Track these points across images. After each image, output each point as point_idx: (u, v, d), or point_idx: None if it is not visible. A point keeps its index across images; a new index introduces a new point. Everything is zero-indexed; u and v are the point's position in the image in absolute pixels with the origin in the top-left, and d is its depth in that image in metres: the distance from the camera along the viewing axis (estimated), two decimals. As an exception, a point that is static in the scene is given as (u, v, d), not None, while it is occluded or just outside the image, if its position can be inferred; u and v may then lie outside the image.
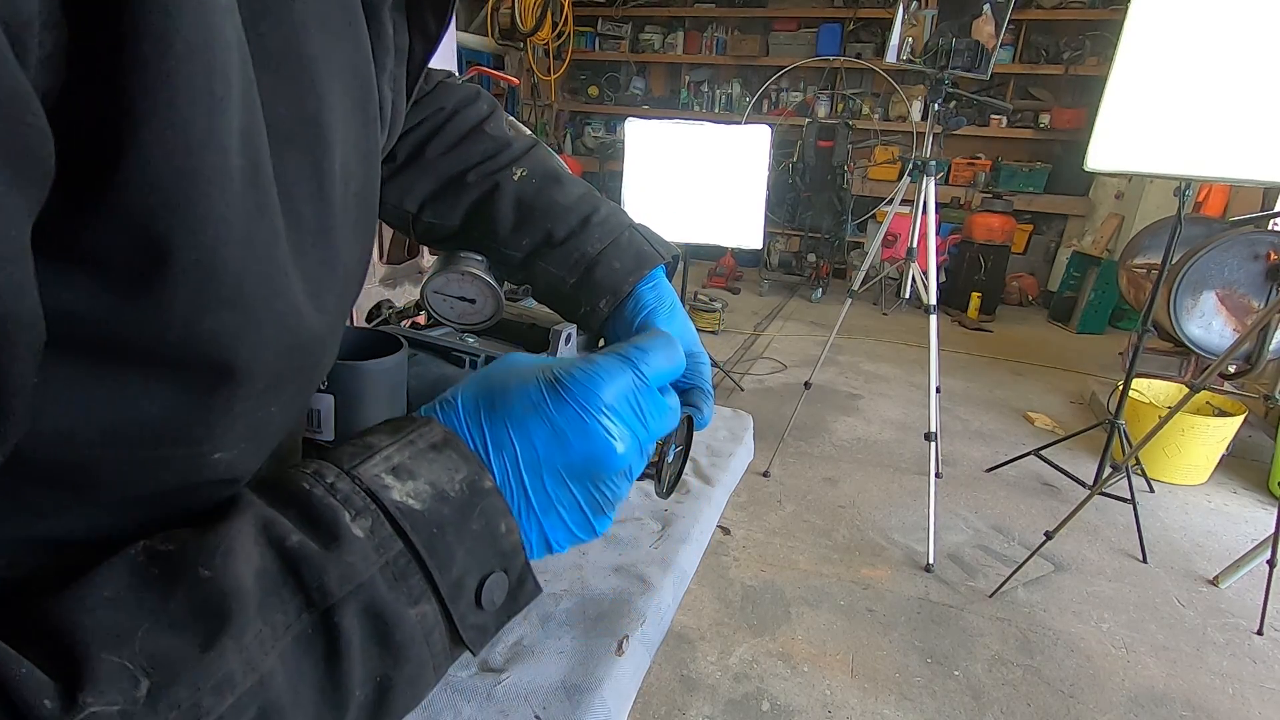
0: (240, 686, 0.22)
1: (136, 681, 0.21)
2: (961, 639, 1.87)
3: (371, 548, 0.26)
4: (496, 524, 0.29)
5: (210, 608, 0.23)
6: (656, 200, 3.15)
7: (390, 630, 0.26)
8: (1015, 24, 5.23)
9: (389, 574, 0.26)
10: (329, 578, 0.25)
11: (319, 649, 0.25)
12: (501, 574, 0.29)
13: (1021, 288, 5.57)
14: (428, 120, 0.57)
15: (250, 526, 0.26)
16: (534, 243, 0.57)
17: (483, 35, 5.56)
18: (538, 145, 0.60)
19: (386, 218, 0.59)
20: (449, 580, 0.27)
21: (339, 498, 0.27)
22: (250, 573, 0.24)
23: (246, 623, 0.23)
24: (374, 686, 0.26)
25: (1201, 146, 1.86)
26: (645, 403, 0.33)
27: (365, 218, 0.35)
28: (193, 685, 0.21)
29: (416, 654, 0.27)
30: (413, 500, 0.27)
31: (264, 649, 0.23)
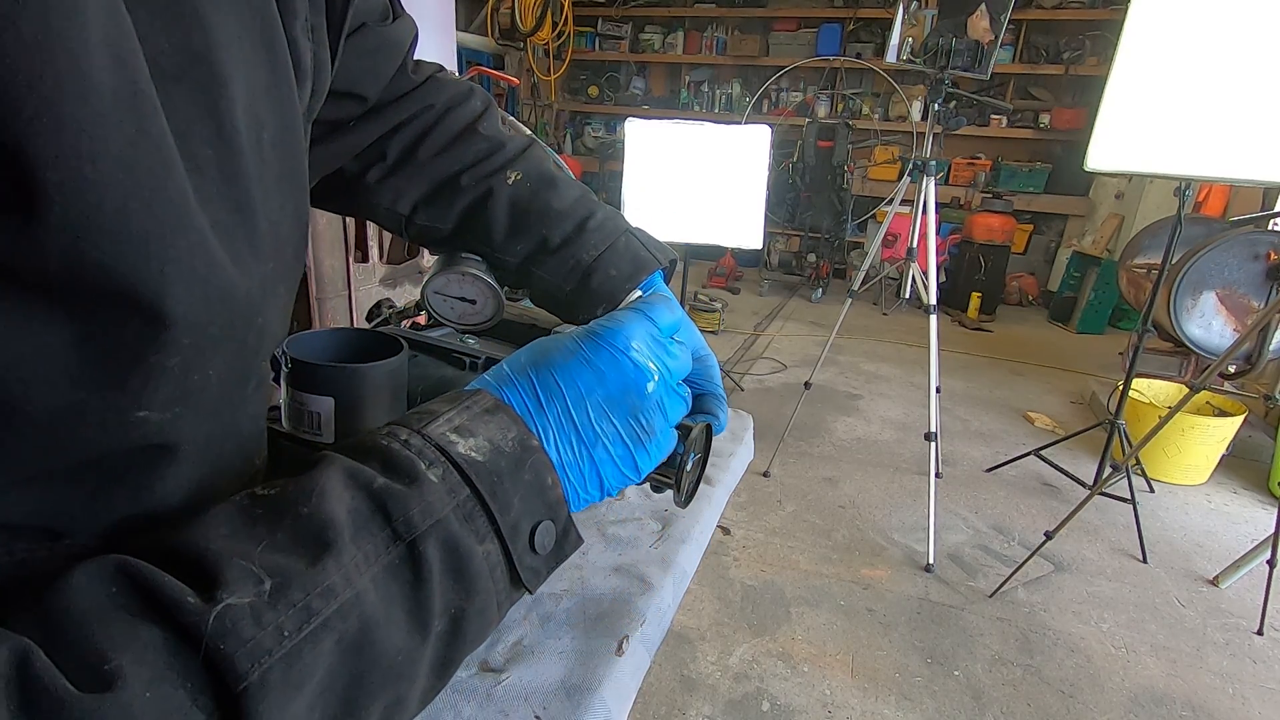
0: (342, 596, 0.26)
1: (260, 581, 0.25)
2: (961, 639, 1.87)
3: (445, 491, 0.30)
4: (544, 477, 0.33)
5: (311, 536, 0.27)
6: (656, 200, 3.15)
7: (464, 563, 0.30)
8: (1015, 24, 5.23)
9: (459, 514, 0.30)
10: (413, 512, 0.29)
11: (406, 576, 0.28)
12: (549, 523, 0.33)
13: (1021, 288, 5.57)
14: (418, 118, 0.56)
15: (339, 473, 0.29)
16: (529, 249, 0.56)
17: (483, 35, 5.56)
18: (533, 145, 0.59)
19: (379, 220, 0.58)
20: (509, 523, 0.31)
21: (414, 450, 0.31)
22: (343, 510, 0.28)
23: (343, 547, 0.27)
24: (449, 619, 0.29)
25: (1201, 146, 1.86)
26: (662, 344, 0.39)
27: (290, 172, 0.34)
28: (304, 589, 0.25)
29: (484, 587, 0.30)
30: (475, 454, 0.31)
31: (359, 570, 0.27)
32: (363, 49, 0.50)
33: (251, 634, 0.23)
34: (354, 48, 0.49)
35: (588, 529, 0.81)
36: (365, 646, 0.26)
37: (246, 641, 0.23)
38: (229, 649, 0.23)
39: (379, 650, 0.27)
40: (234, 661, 0.23)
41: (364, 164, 0.55)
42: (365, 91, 0.51)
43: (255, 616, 0.24)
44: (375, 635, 0.26)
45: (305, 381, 0.47)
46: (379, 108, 0.54)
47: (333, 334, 0.52)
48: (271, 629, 0.24)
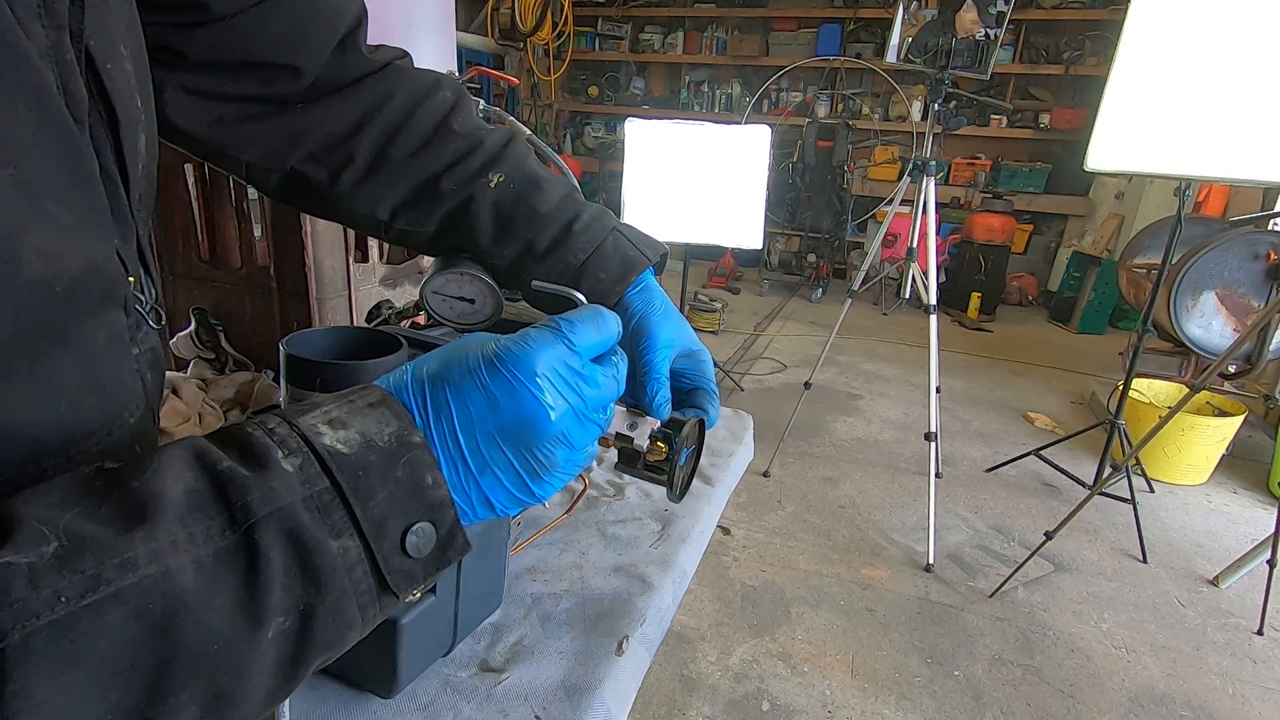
0: (143, 571, 0.24)
1: (48, 543, 0.23)
2: (961, 639, 1.87)
3: (298, 481, 0.28)
4: (422, 475, 0.31)
5: (132, 508, 0.25)
6: (656, 200, 3.15)
7: (310, 556, 0.28)
8: (1015, 24, 5.24)
9: (312, 506, 0.28)
10: (252, 497, 0.27)
11: (239, 564, 0.26)
12: (428, 525, 0.31)
13: (1021, 288, 5.57)
14: (381, 112, 0.53)
15: (185, 452, 0.28)
16: (515, 253, 0.55)
17: (483, 35, 5.56)
18: (513, 141, 0.56)
19: (358, 226, 0.57)
20: (371, 519, 0.29)
21: (275, 439, 0.29)
22: (179, 488, 0.26)
23: (161, 522, 0.25)
24: (297, 615, 0.28)
25: (1201, 146, 1.86)
26: (578, 372, 0.36)
27: (12, 72, 0.28)
28: (98, 558, 0.24)
29: (338, 585, 0.28)
30: (341, 445, 0.30)
31: (176, 548, 0.25)
32: (287, 14, 0.48)
33: (22, 595, 0.22)
34: (275, 12, 0.48)
35: (588, 529, 0.81)
36: (171, 629, 0.25)
37: (14, 602, 0.22)
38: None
39: (191, 636, 0.25)
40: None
41: (333, 169, 0.53)
42: (297, 62, 0.49)
43: (32, 578, 0.22)
44: (185, 619, 0.25)
45: (304, 379, 0.47)
46: (330, 89, 0.52)
47: (331, 332, 0.52)
48: (47, 592, 0.23)
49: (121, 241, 0.36)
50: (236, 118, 0.50)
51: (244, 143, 0.51)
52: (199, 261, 2.23)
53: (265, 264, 2.13)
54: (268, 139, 0.51)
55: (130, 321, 0.37)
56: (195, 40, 0.46)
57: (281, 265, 2.11)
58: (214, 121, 0.49)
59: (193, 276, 2.26)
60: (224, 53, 0.47)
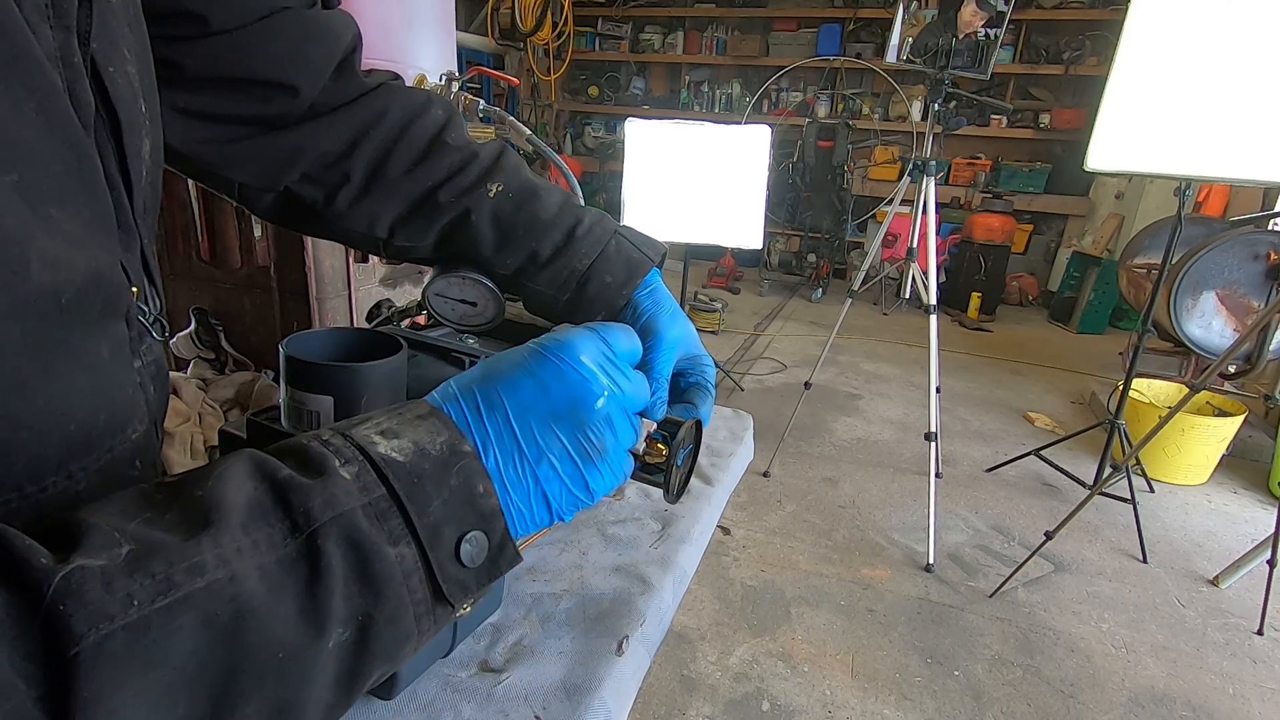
0: (211, 575, 0.24)
1: (120, 545, 0.23)
2: (961, 639, 1.87)
3: (356, 487, 0.28)
4: (474, 484, 0.31)
5: (195, 516, 0.25)
6: (656, 200, 3.15)
7: (370, 563, 0.28)
8: (1015, 24, 5.24)
9: (370, 513, 0.28)
10: (313, 503, 0.27)
11: (302, 572, 0.26)
12: (480, 534, 0.31)
13: (1021, 288, 5.57)
14: (376, 130, 0.53)
15: (245, 462, 0.28)
16: (519, 262, 0.55)
17: (483, 35, 5.56)
18: (505, 152, 0.56)
19: (355, 244, 0.57)
20: (427, 526, 0.29)
21: (331, 449, 0.29)
22: (241, 497, 0.26)
23: (225, 528, 0.25)
24: (356, 626, 0.28)
25: (1201, 146, 1.86)
26: (615, 364, 0.37)
27: (15, 59, 0.27)
28: (167, 561, 0.23)
29: (396, 594, 0.28)
30: (396, 454, 0.30)
31: (241, 555, 0.25)
32: (286, 34, 0.48)
33: (97, 597, 0.22)
34: (275, 31, 0.48)
35: (588, 529, 0.81)
36: (239, 636, 0.24)
37: (89, 604, 0.21)
38: (68, 609, 0.21)
39: (257, 643, 0.25)
40: (70, 624, 0.21)
41: (329, 188, 0.53)
42: (295, 81, 0.49)
43: (105, 581, 0.22)
44: (252, 625, 0.24)
45: (304, 380, 0.47)
46: (325, 110, 0.52)
47: (332, 333, 0.52)
48: (121, 595, 0.22)
49: (124, 251, 0.35)
50: (230, 138, 0.50)
51: (237, 163, 0.51)
52: (199, 261, 2.23)
53: (265, 264, 2.13)
54: (261, 159, 0.51)
55: (133, 333, 0.36)
56: (194, 55, 0.46)
57: (281, 265, 2.11)
58: (206, 141, 0.49)
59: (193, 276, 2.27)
60: (222, 69, 0.47)
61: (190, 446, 2.08)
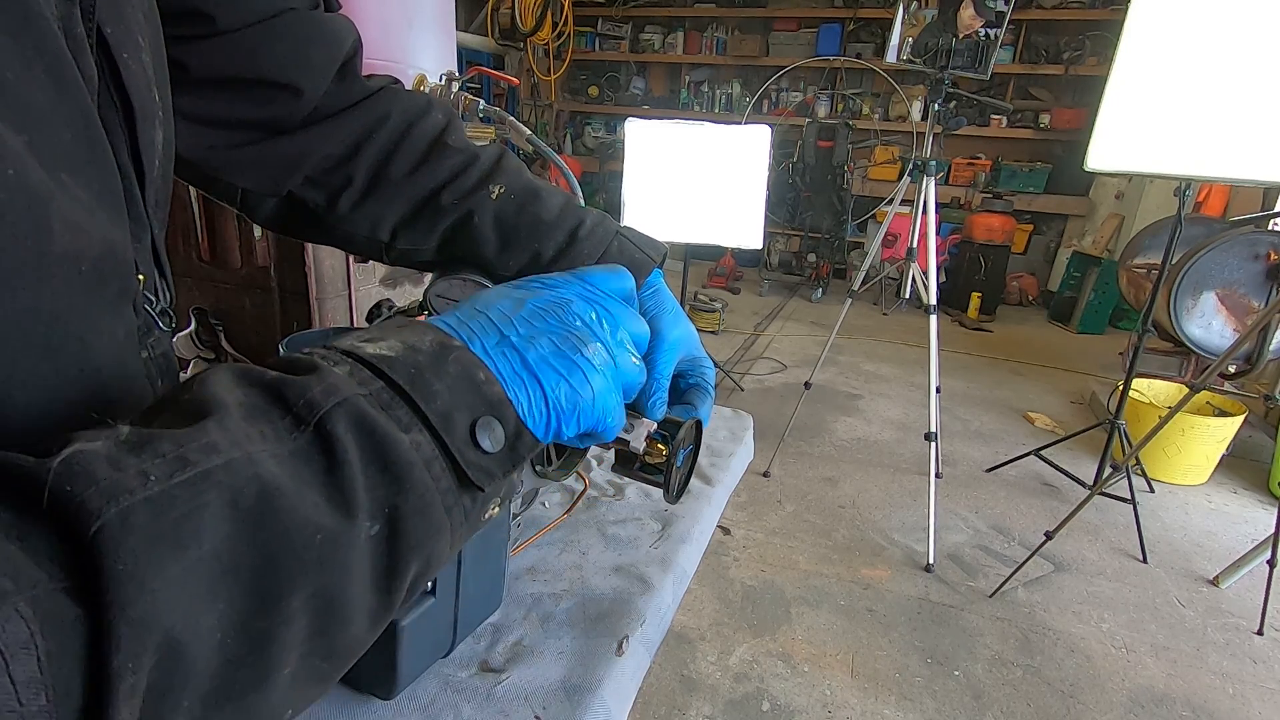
0: (227, 454, 0.22)
1: (117, 430, 0.21)
2: (961, 639, 1.87)
3: (354, 381, 0.27)
4: (474, 372, 0.30)
5: (190, 410, 0.23)
6: (656, 200, 3.15)
7: (387, 450, 0.26)
8: (1015, 24, 5.24)
9: (373, 403, 0.26)
10: (313, 392, 0.25)
11: (318, 461, 0.24)
12: (492, 419, 0.30)
13: (1021, 288, 5.57)
14: (378, 133, 0.53)
15: (227, 370, 0.26)
16: (521, 263, 0.55)
17: (483, 35, 5.57)
18: (506, 155, 0.57)
19: (357, 249, 0.57)
20: (436, 410, 0.28)
21: (316, 355, 0.28)
22: (232, 398, 0.24)
23: (227, 417, 0.23)
24: (384, 519, 0.26)
25: (1201, 146, 1.86)
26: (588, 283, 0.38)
27: (23, 17, 0.27)
28: (175, 441, 0.21)
29: (420, 480, 0.27)
30: (386, 350, 0.29)
31: (250, 442, 0.23)
32: (291, 35, 0.48)
33: (106, 474, 0.19)
34: (280, 32, 0.48)
35: (588, 529, 0.81)
36: (271, 516, 0.22)
37: (99, 481, 0.19)
38: (76, 490, 0.19)
39: (292, 523, 0.22)
40: (83, 502, 0.18)
41: (331, 191, 0.53)
42: (298, 82, 0.49)
43: (112, 460, 0.20)
44: (283, 504, 0.22)
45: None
46: (328, 113, 0.52)
47: (331, 333, 0.52)
48: (133, 472, 0.20)
49: (135, 241, 0.35)
50: (234, 143, 0.50)
51: (240, 168, 0.51)
52: (199, 261, 2.23)
53: (265, 264, 2.13)
54: (265, 164, 0.51)
55: (140, 322, 0.36)
56: (198, 54, 0.46)
57: (281, 265, 2.11)
58: (211, 147, 0.49)
59: (193, 276, 2.26)
60: (228, 69, 0.47)
61: (190, 446, 2.07)
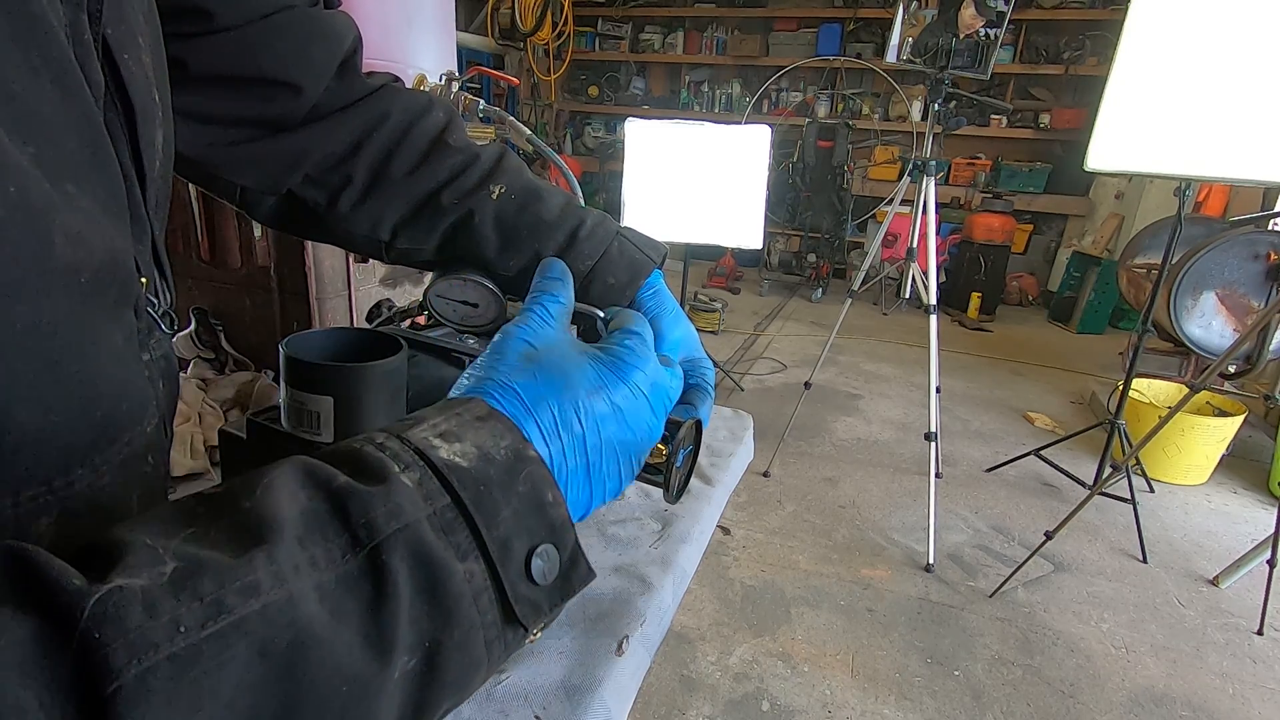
0: (267, 596, 0.22)
1: (163, 564, 0.21)
2: (961, 639, 1.87)
3: (420, 496, 0.26)
4: (543, 492, 0.29)
5: (245, 530, 0.23)
6: (656, 200, 3.15)
7: (438, 581, 0.25)
8: (1015, 24, 5.23)
9: (436, 524, 0.26)
10: (376, 513, 0.25)
11: (365, 590, 0.24)
12: (552, 548, 0.29)
13: (1021, 288, 5.57)
14: (379, 131, 0.53)
15: (296, 470, 0.26)
16: (522, 264, 0.55)
17: (483, 35, 5.57)
18: (506, 154, 0.56)
19: (357, 248, 0.57)
20: (496, 539, 0.27)
21: (388, 454, 0.27)
22: (294, 508, 0.24)
23: (280, 544, 0.23)
24: (424, 653, 0.25)
25: (1201, 146, 1.86)
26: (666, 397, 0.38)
27: (29, 26, 0.26)
28: (218, 581, 0.21)
29: (466, 615, 0.26)
30: (459, 459, 0.27)
31: (299, 573, 0.22)
32: (290, 32, 0.48)
33: (138, 623, 0.19)
34: (279, 29, 0.48)
35: (588, 528, 0.81)
36: (298, 667, 0.21)
37: (129, 631, 0.19)
38: (105, 638, 0.19)
39: (319, 673, 0.22)
40: (108, 655, 0.18)
41: (331, 190, 0.53)
42: (299, 80, 0.49)
43: (148, 604, 0.20)
44: (314, 654, 0.22)
45: (304, 381, 0.47)
46: (328, 111, 0.52)
47: (331, 333, 0.52)
48: (166, 620, 0.20)
49: (136, 242, 0.35)
50: (233, 140, 0.50)
51: (240, 166, 0.51)
52: (199, 261, 2.23)
53: (265, 264, 2.14)
54: (265, 162, 0.51)
55: (141, 325, 0.36)
56: (199, 52, 0.46)
57: (281, 265, 2.11)
58: (210, 145, 0.49)
59: (193, 276, 2.27)
60: (227, 67, 0.47)
61: (190, 446, 2.08)
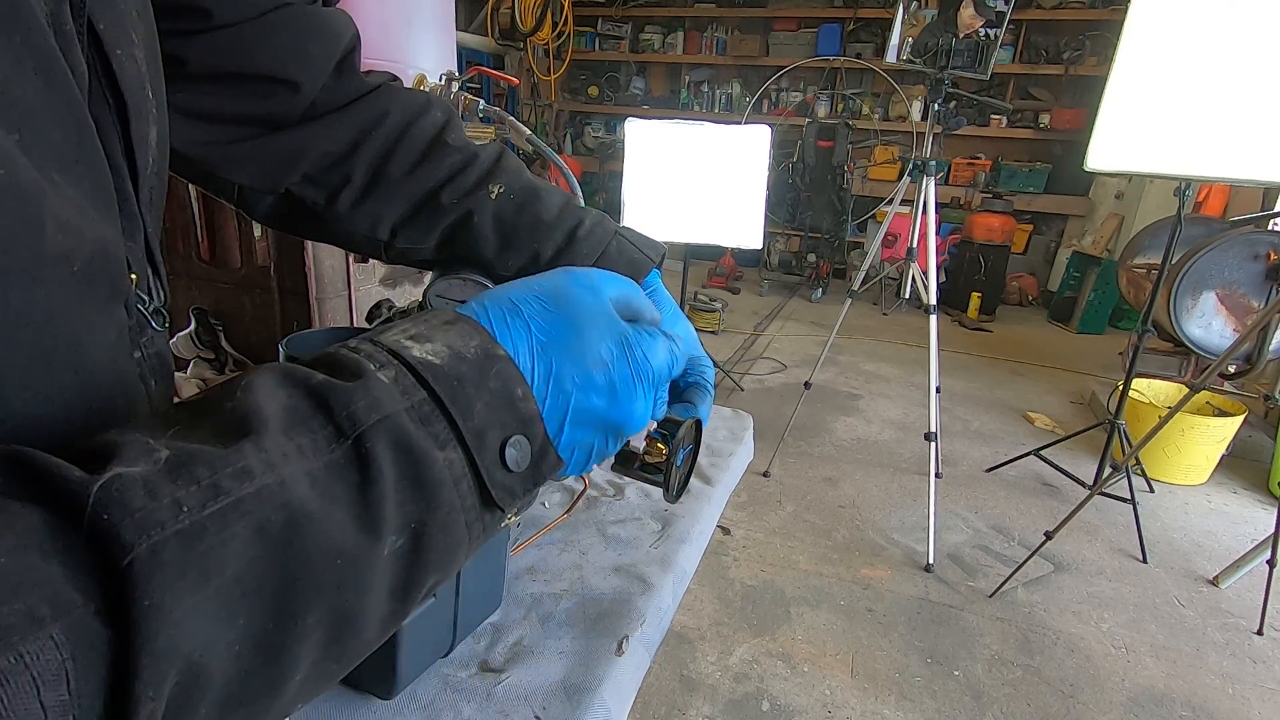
0: (260, 480, 0.23)
1: (156, 452, 0.22)
2: (961, 639, 1.87)
3: (398, 391, 0.27)
4: (513, 387, 0.31)
5: (231, 425, 0.24)
6: (656, 200, 3.15)
7: (422, 468, 0.27)
8: (1015, 24, 5.24)
9: (414, 416, 0.27)
10: (357, 406, 0.26)
11: (352, 476, 0.25)
12: (523, 438, 0.30)
13: (1021, 288, 5.57)
14: (377, 131, 0.53)
15: (272, 373, 0.27)
16: (521, 263, 0.55)
17: (483, 35, 5.57)
18: (505, 154, 0.57)
19: (356, 247, 0.57)
20: (472, 429, 0.29)
21: (362, 354, 0.28)
22: (275, 405, 0.25)
23: (266, 434, 0.24)
24: (410, 534, 0.27)
25: (1201, 146, 1.86)
26: (661, 386, 0.38)
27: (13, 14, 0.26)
28: (211, 467, 0.22)
29: (448, 499, 0.28)
30: (432, 357, 0.29)
31: (287, 460, 0.24)
32: (288, 29, 0.48)
33: (143, 504, 0.20)
34: (277, 25, 0.48)
35: (588, 529, 0.81)
36: (296, 542, 0.23)
37: (135, 512, 0.20)
38: (114, 519, 0.20)
39: (315, 548, 0.23)
40: (119, 532, 0.20)
41: (330, 189, 0.53)
42: (297, 77, 0.49)
43: (149, 488, 0.21)
44: (309, 530, 0.23)
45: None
46: (326, 110, 0.52)
47: (331, 333, 0.52)
48: (168, 501, 0.21)
49: (128, 239, 0.35)
50: (231, 138, 0.50)
51: (238, 164, 0.51)
52: (199, 261, 2.23)
53: (265, 264, 2.13)
54: (263, 160, 0.51)
55: (132, 322, 0.35)
56: (197, 49, 0.45)
57: (281, 265, 2.11)
58: (208, 143, 0.49)
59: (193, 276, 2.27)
60: (225, 64, 0.47)
61: (190, 446, 2.08)
